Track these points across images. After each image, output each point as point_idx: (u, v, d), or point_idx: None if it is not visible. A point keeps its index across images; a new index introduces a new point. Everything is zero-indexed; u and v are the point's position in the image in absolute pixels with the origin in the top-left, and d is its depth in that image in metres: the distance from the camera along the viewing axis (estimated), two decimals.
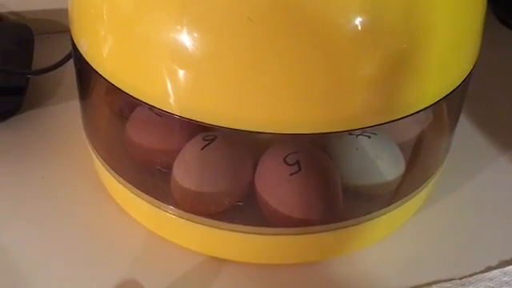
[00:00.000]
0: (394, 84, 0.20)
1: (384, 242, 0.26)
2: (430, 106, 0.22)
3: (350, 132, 0.21)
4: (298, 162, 0.23)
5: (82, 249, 0.25)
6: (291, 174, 0.22)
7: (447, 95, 0.22)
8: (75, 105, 0.30)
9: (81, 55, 0.24)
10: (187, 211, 0.24)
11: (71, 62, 0.30)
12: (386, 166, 0.24)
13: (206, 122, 0.21)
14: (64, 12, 0.38)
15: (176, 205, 0.24)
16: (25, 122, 0.31)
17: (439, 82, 0.22)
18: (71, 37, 0.25)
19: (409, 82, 0.20)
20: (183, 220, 0.24)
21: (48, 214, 0.27)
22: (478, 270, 0.25)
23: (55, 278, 0.24)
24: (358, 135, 0.23)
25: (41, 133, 0.31)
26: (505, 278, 0.24)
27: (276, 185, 0.23)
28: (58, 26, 0.38)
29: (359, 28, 0.19)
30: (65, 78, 0.34)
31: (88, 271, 0.24)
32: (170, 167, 0.24)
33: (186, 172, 0.24)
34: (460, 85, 0.23)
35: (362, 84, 0.20)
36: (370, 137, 0.24)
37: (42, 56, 0.34)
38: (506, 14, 0.42)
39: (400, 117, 0.21)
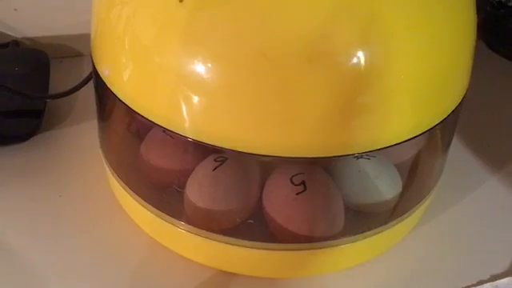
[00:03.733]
0: (391, 112, 0.22)
1: (382, 258, 0.27)
2: (425, 131, 0.23)
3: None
4: (303, 182, 0.24)
5: (96, 265, 0.26)
6: (297, 194, 0.24)
7: (441, 121, 0.24)
8: (90, 126, 0.32)
9: (101, 80, 0.25)
10: (199, 227, 0.25)
11: (86, 85, 0.32)
12: (385, 185, 0.26)
13: (218, 145, 0.22)
14: (77, 37, 0.40)
15: (188, 221, 0.25)
16: (43, 142, 0.32)
17: (433, 110, 0.23)
18: (93, 62, 0.26)
19: (405, 111, 0.22)
20: (195, 236, 0.25)
21: (65, 231, 0.27)
22: (470, 284, 0.26)
23: None
24: (358, 158, 0.25)
25: (58, 153, 0.32)
26: None
27: (283, 203, 0.24)
28: (72, 51, 0.40)
29: (360, 62, 0.20)
30: (79, 101, 0.35)
31: (99, 285, 0.25)
32: (183, 186, 0.25)
33: (198, 191, 0.25)
34: (453, 112, 0.24)
35: (362, 113, 0.21)
36: (369, 158, 0.25)
37: (58, 79, 0.36)
38: (495, 41, 0.44)
39: (397, 142, 0.22)
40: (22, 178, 0.30)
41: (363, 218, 0.26)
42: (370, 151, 0.22)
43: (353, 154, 0.23)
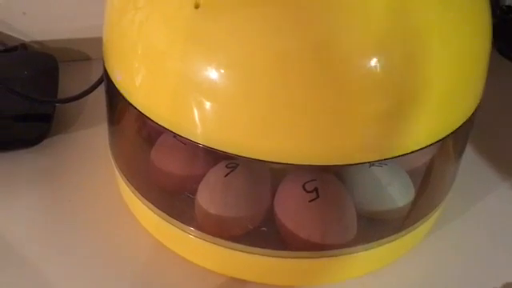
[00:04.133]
0: (405, 121, 0.22)
1: (394, 266, 0.26)
2: (439, 140, 0.23)
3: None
4: (316, 189, 0.24)
5: (105, 268, 0.26)
6: (310, 201, 0.24)
7: (455, 130, 0.24)
8: (99, 130, 0.32)
9: (113, 84, 0.25)
10: (210, 234, 0.25)
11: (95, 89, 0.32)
12: (397, 193, 0.26)
13: (230, 151, 0.22)
14: (86, 41, 0.40)
15: (199, 228, 0.25)
16: (52, 147, 0.32)
17: (447, 119, 0.23)
18: (104, 67, 0.26)
19: (419, 120, 0.22)
20: (206, 242, 0.25)
21: (74, 235, 0.27)
22: None
23: None
24: (371, 165, 0.24)
25: (67, 157, 0.32)
26: None
27: (295, 210, 0.24)
28: (80, 55, 0.40)
29: (376, 70, 0.20)
30: (89, 105, 0.35)
31: None
32: (193, 192, 0.25)
33: (209, 197, 0.25)
34: (467, 120, 0.24)
35: (376, 121, 0.21)
36: (382, 166, 0.25)
37: (66, 83, 0.36)
38: (505, 47, 0.44)
39: (411, 151, 0.22)
40: (32, 183, 0.30)
41: (376, 226, 0.26)
42: (383, 159, 0.22)
43: (366, 162, 0.22)
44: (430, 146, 0.23)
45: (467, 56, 0.23)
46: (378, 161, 0.23)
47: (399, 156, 0.22)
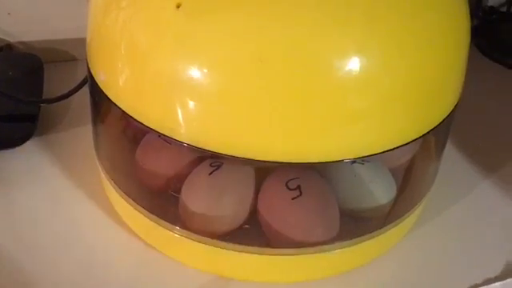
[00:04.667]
0: (386, 118, 0.22)
1: (376, 262, 0.27)
2: (419, 137, 0.23)
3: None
4: (299, 187, 0.24)
5: (91, 269, 0.26)
6: (293, 198, 0.24)
7: (435, 127, 0.24)
8: (84, 130, 0.32)
9: (97, 85, 0.25)
10: (194, 232, 0.25)
11: (80, 89, 0.32)
12: (379, 190, 0.26)
13: (214, 150, 0.22)
14: (71, 42, 0.40)
15: (184, 226, 0.25)
16: (37, 147, 0.32)
17: (427, 116, 0.24)
18: (88, 67, 0.26)
19: (400, 117, 0.22)
20: (190, 240, 0.25)
21: (59, 235, 0.27)
22: None
23: None
24: (353, 163, 0.25)
25: (53, 157, 0.32)
26: None
27: (279, 208, 0.24)
28: (66, 55, 0.40)
29: (356, 69, 0.21)
30: (74, 105, 0.35)
31: None
32: (178, 191, 0.25)
33: (194, 196, 0.25)
34: (446, 117, 0.25)
35: (357, 119, 0.22)
36: (364, 163, 0.25)
37: (52, 84, 0.36)
38: (488, 47, 0.45)
39: (392, 148, 0.23)
40: (16, 183, 0.30)
41: (358, 223, 0.26)
42: (365, 156, 0.23)
43: (348, 159, 0.23)
44: (410, 142, 0.23)
45: (446, 55, 0.23)
46: (359, 158, 0.23)
47: (380, 153, 0.23)
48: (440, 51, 0.23)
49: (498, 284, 0.26)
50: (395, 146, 0.23)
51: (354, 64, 0.21)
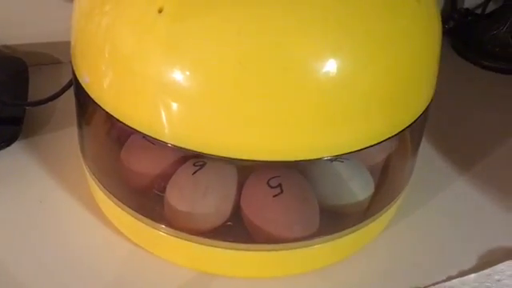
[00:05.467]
0: (363, 118, 0.23)
1: (355, 257, 0.27)
2: (395, 135, 0.24)
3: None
4: (280, 185, 0.25)
5: (77, 269, 0.26)
6: (274, 196, 0.25)
7: (409, 125, 0.25)
8: (69, 132, 0.32)
9: (82, 87, 0.25)
10: (179, 230, 0.25)
11: (65, 92, 0.32)
12: (358, 187, 0.27)
13: (197, 150, 0.23)
14: (56, 45, 0.40)
15: (169, 224, 0.26)
16: (23, 149, 0.32)
17: (402, 115, 0.24)
18: (73, 70, 0.26)
19: (375, 116, 0.23)
20: (175, 238, 0.25)
21: (45, 236, 0.28)
22: (439, 280, 0.27)
23: None
24: (332, 161, 0.26)
25: (38, 160, 0.32)
26: (464, 287, 0.26)
27: (261, 205, 0.25)
28: (50, 58, 0.40)
29: (331, 70, 0.21)
30: (59, 108, 0.35)
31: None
32: (163, 190, 0.26)
33: (178, 195, 0.26)
34: (420, 115, 0.25)
35: (335, 119, 0.22)
36: (343, 161, 0.26)
37: (37, 87, 0.36)
38: (463, 48, 0.46)
39: (369, 145, 0.23)
40: (2, 186, 0.30)
41: (337, 219, 0.27)
42: (343, 154, 0.23)
43: (327, 157, 0.24)
44: (387, 140, 0.24)
45: (419, 55, 0.24)
46: (338, 156, 0.24)
47: (358, 151, 0.23)
48: (413, 51, 0.24)
49: (472, 276, 0.27)
50: (373, 144, 0.24)
51: (330, 65, 0.21)
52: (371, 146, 0.24)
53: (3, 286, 0.25)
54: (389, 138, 0.24)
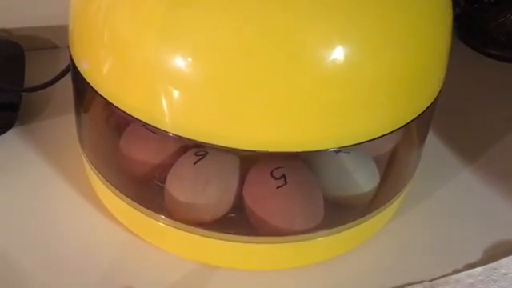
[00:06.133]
0: (369, 108, 0.22)
1: (360, 249, 0.27)
2: (402, 126, 0.24)
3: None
4: (284, 176, 0.24)
5: (75, 258, 0.26)
6: (278, 187, 0.24)
7: (417, 116, 0.24)
8: (67, 119, 0.32)
9: (80, 73, 0.25)
10: (180, 221, 0.25)
11: (63, 78, 0.32)
12: (363, 178, 0.26)
13: (199, 139, 0.22)
14: (53, 29, 0.39)
15: (169, 215, 0.25)
16: (19, 136, 0.32)
17: (410, 106, 0.24)
18: (70, 55, 0.26)
19: (383, 107, 0.23)
20: (176, 229, 0.25)
21: (42, 225, 0.27)
22: (445, 273, 0.27)
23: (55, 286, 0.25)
24: (337, 152, 0.25)
25: (35, 147, 0.31)
26: (470, 280, 0.26)
27: (264, 197, 0.25)
28: (47, 43, 0.39)
29: (338, 59, 0.21)
30: (56, 94, 0.34)
31: (81, 279, 0.25)
32: (163, 180, 0.25)
33: (179, 185, 0.25)
34: (428, 107, 0.25)
35: (341, 109, 0.22)
36: (348, 152, 0.26)
37: (33, 72, 0.35)
38: (469, 36, 0.45)
39: (375, 137, 0.23)
40: None
41: (342, 211, 0.26)
42: (349, 145, 0.23)
43: (332, 149, 0.23)
44: (393, 132, 0.24)
45: (428, 45, 0.24)
46: (343, 147, 0.23)
47: (364, 142, 0.23)
48: (422, 40, 0.23)
49: (478, 269, 0.27)
50: (379, 135, 0.23)
51: (337, 54, 0.21)
52: (377, 137, 0.23)
53: (0, 274, 0.25)
54: (395, 129, 0.24)
